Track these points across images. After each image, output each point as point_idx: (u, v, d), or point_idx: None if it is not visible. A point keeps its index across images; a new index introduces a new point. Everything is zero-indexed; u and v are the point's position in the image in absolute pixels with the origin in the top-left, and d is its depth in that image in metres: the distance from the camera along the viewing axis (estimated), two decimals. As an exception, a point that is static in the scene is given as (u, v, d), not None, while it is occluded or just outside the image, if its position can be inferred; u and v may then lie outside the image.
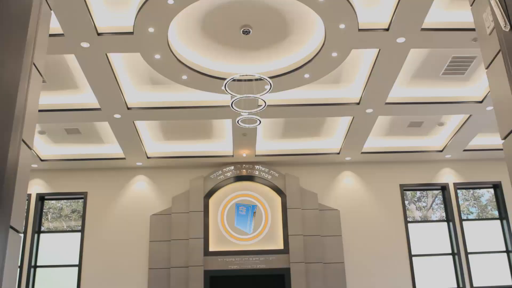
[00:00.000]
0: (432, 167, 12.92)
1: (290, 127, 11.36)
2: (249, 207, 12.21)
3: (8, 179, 2.57)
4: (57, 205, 12.85)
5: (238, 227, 12.04)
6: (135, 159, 12.17)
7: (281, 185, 12.27)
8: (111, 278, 11.77)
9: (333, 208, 12.26)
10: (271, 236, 11.97)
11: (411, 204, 13.11)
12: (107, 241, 12.12)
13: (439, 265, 12.32)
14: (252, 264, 11.66)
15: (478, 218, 12.95)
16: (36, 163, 12.13)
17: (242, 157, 12.23)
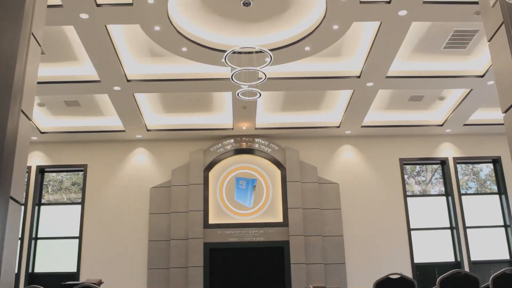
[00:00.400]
0: (432, 141, 12.91)
1: (290, 100, 11.32)
2: (249, 181, 12.23)
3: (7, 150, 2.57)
4: (57, 177, 12.88)
5: (238, 201, 12.08)
6: (135, 131, 12.16)
7: (281, 158, 12.28)
8: (111, 250, 11.86)
9: (332, 182, 12.29)
10: (271, 209, 12.02)
11: (411, 178, 13.14)
12: (107, 213, 12.18)
13: (438, 239, 12.40)
14: (251, 237, 11.73)
15: (477, 192, 12.99)
16: (35, 136, 12.12)
17: (242, 130, 12.22)
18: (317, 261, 11.50)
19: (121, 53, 9.40)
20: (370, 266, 11.69)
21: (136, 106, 10.93)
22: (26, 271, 11.72)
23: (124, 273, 11.59)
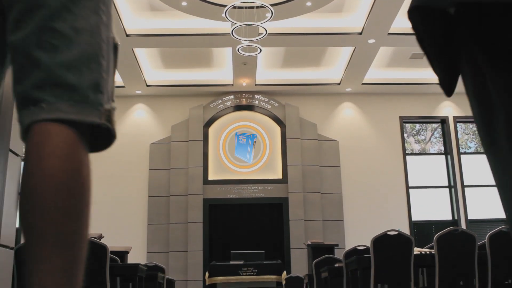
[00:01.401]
0: (433, 100, 12.86)
1: (290, 57, 11.23)
2: (249, 136, 12.24)
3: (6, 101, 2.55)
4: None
5: (238, 156, 12.11)
6: (135, 87, 12.10)
7: (281, 115, 12.26)
8: (111, 206, 11.93)
9: (332, 139, 12.30)
10: (270, 165, 12.07)
11: (410, 136, 13.15)
12: (107, 169, 12.21)
13: (436, 198, 12.49)
14: (250, 193, 11.80)
15: (476, 152, 13.02)
16: (34, 90, 12.06)
17: (242, 86, 12.16)
18: (315, 217, 11.61)
19: (119, 7, 9.26)
20: (368, 223, 11.80)
21: (136, 62, 10.85)
22: (27, 225, 11.83)
23: (124, 229, 11.70)
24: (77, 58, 0.86)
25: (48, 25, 0.85)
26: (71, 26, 0.87)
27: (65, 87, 0.84)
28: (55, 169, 0.78)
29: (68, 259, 0.83)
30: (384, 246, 4.94)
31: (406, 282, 4.92)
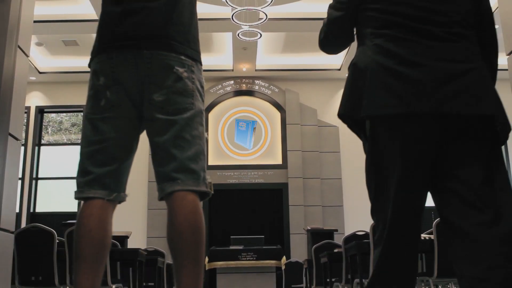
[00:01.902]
0: (433, 85, 12.84)
1: (291, 42, 11.19)
2: (249, 122, 12.23)
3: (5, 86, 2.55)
4: (57, 118, 12.87)
5: (238, 142, 12.11)
6: (134, 72, 12.06)
7: (281, 100, 12.24)
8: (111, 190, 11.96)
9: (332, 125, 12.29)
10: (270, 151, 12.07)
11: (410, 122, 13.15)
12: (107, 153, 12.23)
13: (435, 183, 12.50)
14: (250, 179, 11.82)
15: (476, 137, 13.01)
16: (34, 76, 12.03)
17: (242, 71, 12.13)
18: (315, 203, 11.63)
19: (119, -9, 9.21)
20: (367, 209, 11.64)
21: (135, 46, 10.80)
22: (27, 211, 11.86)
23: (124, 214, 11.67)
24: (194, 154, 1.74)
25: (179, 134, 1.67)
26: (191, 134, 1.73)
27: (190, 171, 1.70)
28: (192, 221, 1.62)
29: (198, 268, 1.62)
30: (383, 231, 4.95)
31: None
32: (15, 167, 2.70)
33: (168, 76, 1.83)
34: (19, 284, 5.13)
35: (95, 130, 1.93)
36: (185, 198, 1.76)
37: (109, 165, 1.94)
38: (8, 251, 2.65)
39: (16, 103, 2.65)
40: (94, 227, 1.84)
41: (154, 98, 1.83)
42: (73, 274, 1.96)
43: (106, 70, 1.93)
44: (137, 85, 1.85)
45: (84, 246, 1.83)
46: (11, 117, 2.59)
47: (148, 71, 1.82)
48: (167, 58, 1.83)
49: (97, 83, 2.02)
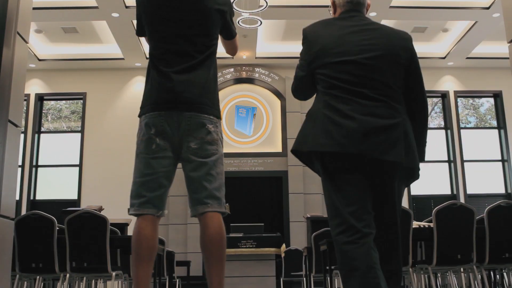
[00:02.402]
0: (434, 74, 12.81)
1: (291, 29, 11.14)
2: (249, 109, 12.21)
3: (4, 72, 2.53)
4: (57, 106, 12.85)
5: (238, 129, 12.10)
6: (134, 59, 12.04)
7: (281, 88, 12.22)
8: (111, 178, 11.97)
9: (332, 113, 12.27)
10: (270, 139, 12.07)
11: (410, 111, 13.12)
12: (107, 142, 12.22)
13: (435, 172, 12.50)
14: (250, 166, 11.82)
15: (476, 126, 13.00)
16: (34, 63, 12.00)
17: (242, 59, 12.10)
18: (315, 191, 11.64)
19: (119, -22, 9.18)
20: (367, 197, 11.83)
21: (135, 33, 10.76)
22: (27, 198, 11.88)
23: (124, 201, 11.66)
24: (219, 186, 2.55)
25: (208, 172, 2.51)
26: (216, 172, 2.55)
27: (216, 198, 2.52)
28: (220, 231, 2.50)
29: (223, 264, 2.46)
30: (383, 219, 4.96)
31: (404, 255, 4.95)
32: (15, 153, 2.69)
33: (201, 130, 2.65)
34: (20, 271, 5.15)
35: (147, 166, 2.77)
36: (214, 216, 2.61)
37: (158, 191, 2.71)
38: (8, 238, 2.65)
39: (16, 89, 2.63)
40: (149, 235, 2.61)
41: (191, 146, 2.67)
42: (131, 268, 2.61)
43: (157, 124, 2.71)
44: (179, 136, 2.67)
45: (142, 248, 2.59)
46: (11, 103, 2.59)
47: (187, 127, 2.64)
48: (200, 118, 2.65)
49: (150, 132, 2.78)
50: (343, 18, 2.66)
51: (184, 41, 2.69)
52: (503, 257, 5.10)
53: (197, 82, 2.66)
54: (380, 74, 2.45)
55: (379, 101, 2.41)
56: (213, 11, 2.72)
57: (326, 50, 2.51)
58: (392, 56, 2.51)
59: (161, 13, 2.71)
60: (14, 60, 2.59)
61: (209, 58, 2.75)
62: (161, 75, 2.68)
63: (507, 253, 5.09)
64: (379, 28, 2.60)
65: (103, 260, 5.02)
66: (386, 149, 2.36)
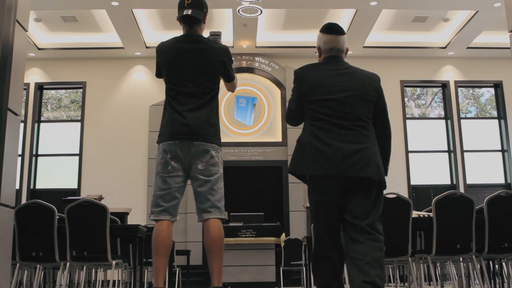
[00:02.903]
0: (434, 64, 12.78)
1: (291, 19, 11.11)
2: (249, 99, 12.20)
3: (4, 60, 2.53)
4: (56, 95, 12.83)
5: (238, 119, 12.09)
6: (134, 48, 12.00)
7: (281, 77, 12.20)
8: (111, 168, 11.98)
9: (332, 103, 12.25)
10: (270, 128, 12.06)
11: (410, 101, 13.10)
12: (107, 131, 12.21)
13: (435, 162, 12.51)
14: (250, 156, 11.83)
15: (476, 117, 12.99)
16: (33, 52, 11.97)
17: (242, 48, 12.07)
18: (314, 181, 11.64)
19: (118, -33, 9.13)
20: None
21: (135, 22, 10.73)
22: (27, 187, 11.89)
23: (124, 190, 11.76)
24: (220, 198, 3.38)
25: (211, 187, 3.32)
26: (217, 187, 3.36)
27: (218, 208, 3.36)
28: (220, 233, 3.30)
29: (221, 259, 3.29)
30: (383, 209, 4.96)
31: (404, 245, 4.96)
32: (15, 142, 2.68)
33: (206, 155, 3.42)
34: (20, 260, 5.16)
35: (164, 183, 3.44)
36: (215, 222, 3.39)
37: (172, 202, 3.44)
38: (8, 226, 2.65)
39: (15, 77, 2.63)
40: (165, 236, 3.37)
41: (198, 167, 3.42)
42: (153, 261, 3.37)
43: (172, 150, 3.43)
44: (189, 159, 3.42)
45: (160, 245, 3.35)
46: (10, 91, 2.58)
47: (196, 153, 3.41)
48: (206, 146, 3.42)
49: (166, 156, 3.44)
50: (326, 63, 3.33)
51: (193, 85, 3.48)
52: (502, 247, 5.11)
53: (203, 118, 3.43)
54: (354, 109, 3.14)
55: (353, 130, 3.11)
56: (217, 62, 3.56)
57: (312, 89, 3.20)
58: (364, 95, 3.20)
59: (176, 63, 3.52)
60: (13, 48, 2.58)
61: (213, 99, 3.54)
62: (176, 113, 3.45)
63: (506, 243, 5.10)
64: (354, 72, 3.29)
65: (103, 249, 5.04)
66: (360, 168, 3.04)
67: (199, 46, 3.57)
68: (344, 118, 3.12)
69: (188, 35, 3.65)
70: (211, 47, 3.59)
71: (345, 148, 3.05)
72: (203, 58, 3.53)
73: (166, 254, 3.38)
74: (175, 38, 3.64)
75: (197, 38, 3.64)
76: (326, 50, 3.36)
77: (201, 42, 3.61)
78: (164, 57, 3.56)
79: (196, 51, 3.54)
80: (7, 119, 2.55)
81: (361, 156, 3.06)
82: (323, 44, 3.37)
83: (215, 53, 3.57)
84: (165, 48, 3.59)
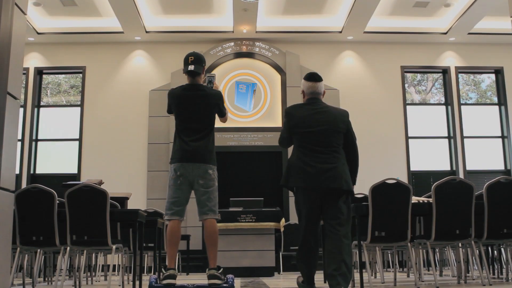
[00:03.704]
0: (435, 49, 12.74)
1: (292, 3, 11.06)
2: (249, 85, 12.17)
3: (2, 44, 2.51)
4: (56, 80, 12.79)
5: (238, 104, 12.08)
6: (134, 33, 11.95)
7: (281, 62, 12.16)
8: (111, 152, 11.98)
9: (332, 88, 12.23)
10: (270, 113, 12.05)
11: (411, 87, 13.07)
12: (106, 116, 12.20)
13: (435, 148, 12.51)
14: (250, 141, 11.83)
15: (477, 103, 12.97)
16: (32, 36, 11.92)
17: (242, 33, 12.02)
18: (314, 166, 11.65)
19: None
20: (366, 172, 11.76)
21: (134, 6, 10.67)
22: (27, 172, 11.90)
23: (124, 175, 11.77)
24: (215, 204, 4.54)
25: (209, 196, 4.51)
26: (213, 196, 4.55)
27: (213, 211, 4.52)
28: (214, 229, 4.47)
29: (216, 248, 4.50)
30: (383, 194, 4.97)
31: (403, 230, 4.97)
32: (14, 126, 2.68)
33: (206, 174, 4.52)
34: (21, 244, 5.17)
35: (175, 193, 4.54)
36: (211, 221, 4.49)
37: (180, 207, 4.56)
38: (8, 210, 2.65)
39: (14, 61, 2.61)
40: (176, 231, 4.52)
41: (200, 182, 4.51)
42: (166, 250, 4.72)
43: (180, 170, 4.52)
44: (192, 177, 4.51)
45: (173, 238, 4.49)
46: (9, 75, 2.56)
47: (198, 172, 4.50)
48: (205, 167, 4.52)
49: (177, 174, 4.55)
50: (308, 103, 4.44)
51: (196, 122, 4.63)
52: (501, 233, 5.13)
53: (203, 146, 4.58)
54: (328, 138, 4.25)
55: (327, 153, 4.20)
56: (212, 104, 4.67)
57: (298, 124, 4.31)
58: (335, 127, 4.30)
59: (183, 106, 4.67)
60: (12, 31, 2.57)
61: (210, 131, 4.68)
62: (183, 142, 4.59)
63: (505, 229, 5.12)
64: (329, 110, 4.40)
65: (103, 234, 5.05)
66: (332, 181, 4.11)
67: (199, 93, 4.68)
68: (321, 145, 4.21)
69: (192, 84, 4.75)
70: (208, 94, 4.69)
71: (322, 167, 4.14)
72: (203, 102, 4.64)
73: (177, 244, 4.52)
74: (182, 86, 4.79)
75: (198, 87, 4.73)
76: (308, 93, 4.46)
77: (201, 90, 4.71)
78: (173, 101, 4.71)
79: (197, 97, 4.66)
80: (6, 103, 2.54)
81: (333, 173, 4.13)
82: (306, 89, 4.46)
83: (211, 98, 4.68)
84: (175, 95, 4.75)
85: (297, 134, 4.29)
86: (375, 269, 7.08)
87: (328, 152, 4.19)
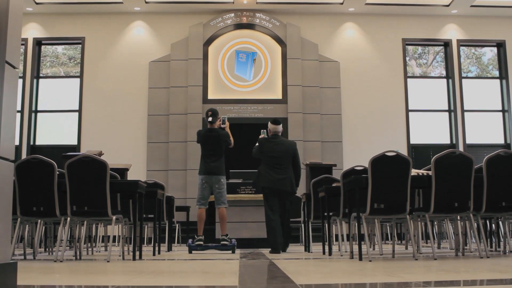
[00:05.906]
0: (437, 22, 12.64)
1: (293, -25, 10.94)
2: (249, 54, 12.10)
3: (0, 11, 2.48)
4: (55, 52, 12.70)
5: (238, 74, 12.02)
6: (133, 3, 11.84)
7: (282, 34, 12.07)
8: (111, 124, 11.96)
9: (333, 60, 12.17)
10: (270, 85, 12.00)
11: (412, 60, 13.00)
12: (106, 87, 12.15)
13: (435, 121, 12.50)
14: (250, 113, 11.80)
15: (478, 76, 12.91)
16: (31, 6, 11.81)
17: (242, 4, 11.91)
18: (314, 138, 11.67)
19: None
20: (366, 145, 11.86)
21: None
22: (27, 143, 11.90)
23: (124, 146, 11.77)
24: (225, 197, 7.11)
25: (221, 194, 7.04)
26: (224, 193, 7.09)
27: (224, 202, 7.06)
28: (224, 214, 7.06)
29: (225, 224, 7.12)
30: (382, 166, 4.97)
31: (402, 202, 4.98)
32: (13, 95, 2.66)
33: (220, 181, 6.99)
34: (21, 215, 5.19)
35: (202, 192, 6.97)
36: (223, 209, 7.04)
37: (205, 200, 7.00)
38: (8, 180, 2.65)
39: (12, 29, 2.58)
40: (203, 214, 7.05)
41: (216, 186, 6.98)
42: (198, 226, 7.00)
43: (206, 179, 6.96)
44: (211, 183, 6.98)
45: (202, 218, 7.01)
46: (7, 44, 2.53)
47: (215, 180, 6.97)
48: (219, 177, 7.00)
49: (202, 182, 6.94)
50: (272, 138, 7.10)
51: (212, 151, 7.00)
52: (500, 206, 5.14)
53: (218, 165, 6.95)
54: (282, 160, 6.93)
55: (282, 169, 6.91)
56: (222, 141, 7.04)
57: (265, 151, 6.99)
58: (287, 153, 6.98)
59: (206, 141, 7.03)
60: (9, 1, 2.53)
61: (222, 156, 7.04)
62: (206, 163, 6.97)
63: (504, 202, 5.12)
64: (284, 142, 7.11)
65: (104, 204, 5.06)
66: (284, 185, 6.84)
67: (215, 134, 7.05)
68: (278, 163, 6.91)
69: (210, 129, 7.09)
70: (220, 135, 7.06)
71: (278, 177, 6.86)
72: (217, 140, 7.04)
73: (203, 221, 7.02)
74: (206, 128, 7.18)
75: (215, 130, 7.08)
76: (272, 131, 7.12)
77: (215, 132, 7.06)
78: (200, 138, 7.07)
79: (214, 137, 7.03)
80: (4, 72, 2.51)
81: (285, 180, 6.88)
82: (271, 129, 7.14)
83: (222, 137, 7.07)
84: (201, 134, 7.10)
85: (265, 156, 6.99)
86: (373, 241, 7.12)
87: (282, 168, 6.91)
